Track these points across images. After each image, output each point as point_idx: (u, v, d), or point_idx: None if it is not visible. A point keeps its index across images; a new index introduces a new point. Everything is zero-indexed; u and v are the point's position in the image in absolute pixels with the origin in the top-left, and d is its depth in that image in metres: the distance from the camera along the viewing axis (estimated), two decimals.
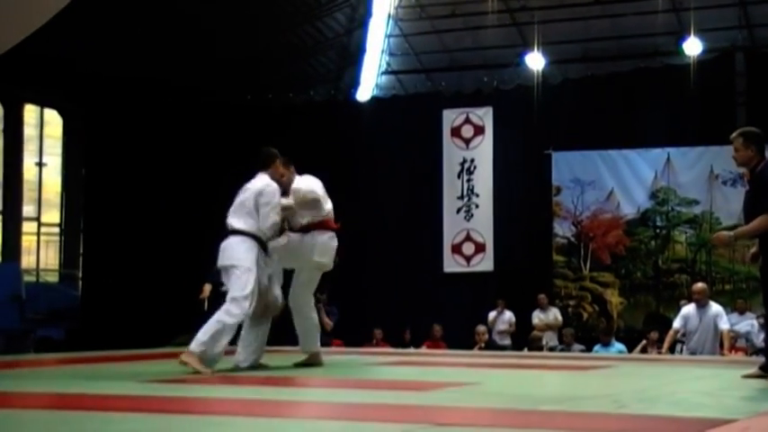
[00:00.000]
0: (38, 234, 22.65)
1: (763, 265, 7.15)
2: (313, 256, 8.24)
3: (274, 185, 7.96)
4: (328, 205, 8.44)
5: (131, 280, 17.95)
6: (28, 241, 22.39)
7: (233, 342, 7.87)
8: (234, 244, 7.80)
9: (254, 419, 4.98)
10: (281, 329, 8.47)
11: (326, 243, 8.35)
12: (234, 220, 7.87)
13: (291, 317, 8.41)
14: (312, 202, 8.20)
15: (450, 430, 4.62)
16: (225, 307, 7.60)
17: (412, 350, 14.67)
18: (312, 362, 8.29)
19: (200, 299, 12.48)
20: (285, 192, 8.14)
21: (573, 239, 17.39)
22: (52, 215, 23.02)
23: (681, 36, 18.68)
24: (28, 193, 22.40)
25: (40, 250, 22.76)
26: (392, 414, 5.20)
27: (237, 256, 7.74)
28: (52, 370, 9.25)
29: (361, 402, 5.79)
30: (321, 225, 8.34)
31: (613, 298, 17.12)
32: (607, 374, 8.40)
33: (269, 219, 7.82)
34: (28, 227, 22.39)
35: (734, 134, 7.37)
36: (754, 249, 7.35)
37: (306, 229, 8.28)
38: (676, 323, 11.91)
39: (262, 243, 7.86)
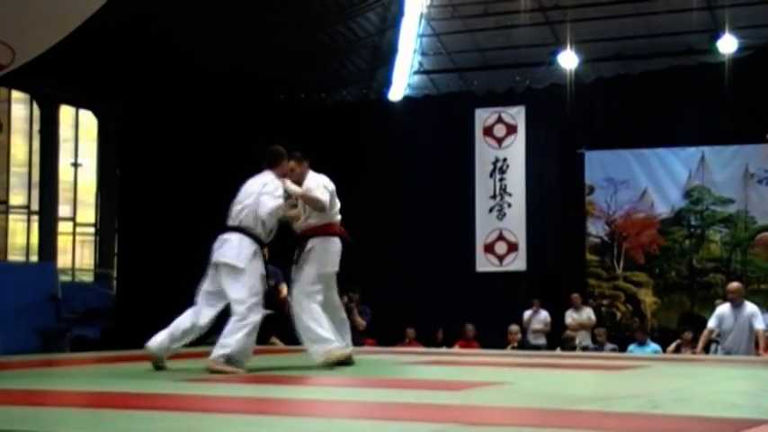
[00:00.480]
0: (73, 234, 22.85)
1: None
2: (314, 264, 8.11)
3: (278, 182, 7.90)
4: (334, 210, 8.25)
5: (165, 279, 18.07)
6: (64, 241, 22.59)
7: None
8: (233, 241, 7.78)
9: (285, 418, 5.00)
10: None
11: (327, 249, 8.20)
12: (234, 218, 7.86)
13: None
14: (314, 202, 8.04)
15: (482, 430, 4.60)
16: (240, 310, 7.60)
17: (444, 350, 14.67)
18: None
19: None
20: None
21: (606, 239, 17.31)
22: (87, 215, 23.22)
23: (715, 34, 18.53)
24: (64, 193, 22.60)
25: (76, 250, 22.96)
26: (423, 413, 5.20)
27: (235, 254, 7.72)
28: (88, 369, 9.34)
29: (393, 401, 5.80)
30: (324, 229, 8.19)
31: (647, 297, 17.02)
32: (641, 374, 8.36)
33: (267, 205, 7.71)
34: (64, 227, 22.59)
35: None
36: None
37: (308, 234, 8.17)
38: (711, 323, 11.82)
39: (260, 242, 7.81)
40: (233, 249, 7.73)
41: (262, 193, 7.76)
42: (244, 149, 19.07)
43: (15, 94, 21.51)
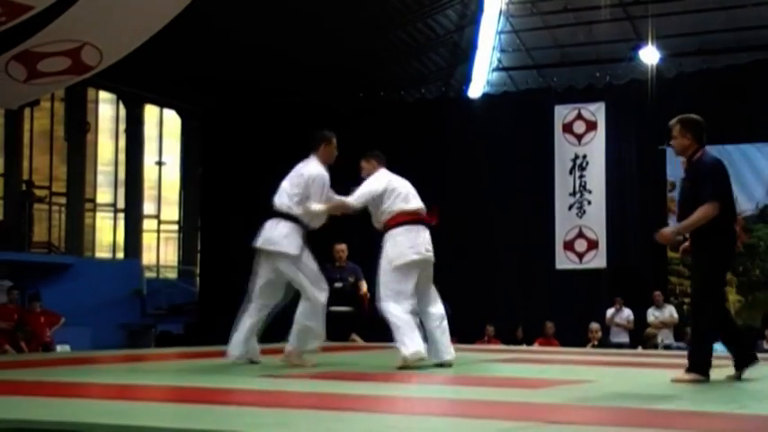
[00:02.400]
0: (158, 231, 23.26)
1: (694, 260, 6.91)
2: (383, 261, 8.05)
3: (322, 174, 8.04)
4: (390, 203, 8.06)
5: (247, 276, 18.29)
6: (148, 238, 23.02)
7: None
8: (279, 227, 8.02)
9: (365, 415, 5.06)
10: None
11: (395, 241, 8.09)
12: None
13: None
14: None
15: (562, 428, 4.60)
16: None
17: (524, 347, 14.64)
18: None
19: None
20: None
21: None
22: (171, 213, 23.62)
23: None
24: (148, 191, 23.03)
25: (160, 247, 23.37)
26: (502, 411, 5.21)
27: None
28: (173, 364, 9.54)
29: (471, 399, 5.82)
30: (388, 224, 8.07)
31: (730, 296, 16.72)
32: (725, 373, 8.24)
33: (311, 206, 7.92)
34: (148, 224, 23.02)
35: (672, 120, 7.14)
36: (686, 244, 7.10)
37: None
38: None
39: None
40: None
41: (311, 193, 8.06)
42: None
43: (102, 95, 22.00)
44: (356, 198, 8.04)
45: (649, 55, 18.85)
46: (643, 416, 5.05)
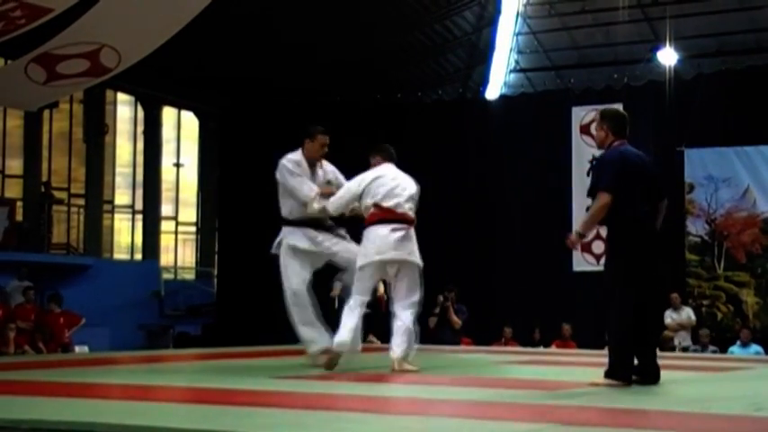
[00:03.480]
0: (176, 233, 23.35)
1: (606, 260, 6.78)
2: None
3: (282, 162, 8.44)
4: (368, 199, 7.94)
5: (264, 277, 18.33)
6: (166, 240, 23.10)
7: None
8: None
9: (383, 416, 5.06)
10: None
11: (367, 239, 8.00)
12: None
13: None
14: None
15: (579, 430, 4.60)
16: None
17: (541, 349, 14.62)
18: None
19: (330, 297, 12.67)
20: None
21: (707, 238, 17.00)
22: (189, 214, 23.70)
23: None
24: (166, 192, 23.12)
25: (178, 248, 23.45)
26: (519, 413, 5.22)
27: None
28: (190, 365, 9.58)
29: (488, 400, 5.82)
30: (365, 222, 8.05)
31: (749, 298, 16.66)
32: (744, 376, 8.22)
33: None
34: (166, 226, 23.10)
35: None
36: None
37: None
38: None
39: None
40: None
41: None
42: (340, 148, 19.27)
43: (121, 96, 22.10)
44: (332, 203, 8.08)
45: (668, 56, 18.79)
46: (659, 418, 5.04)
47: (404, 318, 7.71)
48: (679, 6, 19.36)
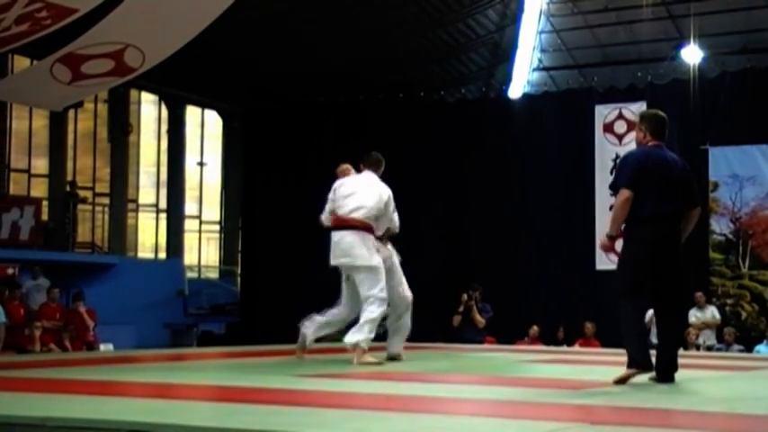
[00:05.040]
0: (199, 232, 23.46)
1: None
2: None
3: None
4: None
5: (287, 276, 18.39)
6: (190, 239, 23.20)
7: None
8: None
9: (405, 414, 5.07)
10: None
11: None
12: None
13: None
14: None
15: (603, 429, 4.59)
16: None
17: (565, 348, 14.59)
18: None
19: None
20: None
21: (731, 236, 16.90)
22: (213, 213, 23.80)
23: None
24: (190, 191, 23.22)
25: (202, 247, 23.55)
26: (543, 412, 5.21)
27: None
28: (214, 363, 9.62)
29: (514, 399, 5.82)
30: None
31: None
32: None
33: None
34: (190, 224, 23.21)
35: None
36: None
37: None
38: None
39: None
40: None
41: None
42: (363, 148, 19.30)
43: (145, 96, 22.23)
44: (323, 216, 8.80)
45: (692, 54, 18.68)
46: (684, 417, 5.02)
47: (366, 312, 8.22)
48: (703, 3, 19.21)
